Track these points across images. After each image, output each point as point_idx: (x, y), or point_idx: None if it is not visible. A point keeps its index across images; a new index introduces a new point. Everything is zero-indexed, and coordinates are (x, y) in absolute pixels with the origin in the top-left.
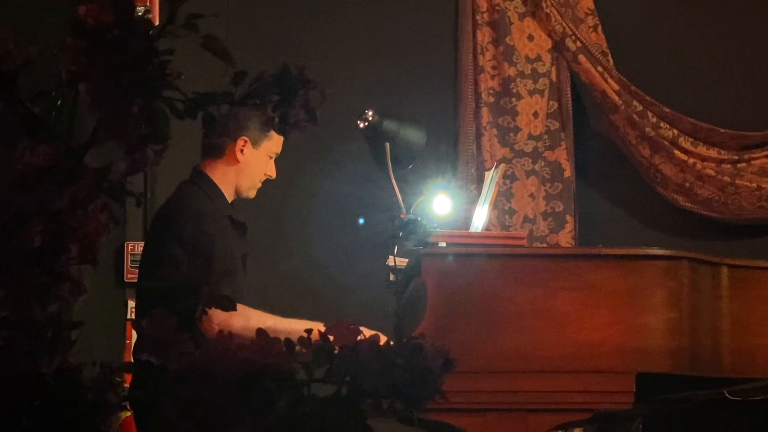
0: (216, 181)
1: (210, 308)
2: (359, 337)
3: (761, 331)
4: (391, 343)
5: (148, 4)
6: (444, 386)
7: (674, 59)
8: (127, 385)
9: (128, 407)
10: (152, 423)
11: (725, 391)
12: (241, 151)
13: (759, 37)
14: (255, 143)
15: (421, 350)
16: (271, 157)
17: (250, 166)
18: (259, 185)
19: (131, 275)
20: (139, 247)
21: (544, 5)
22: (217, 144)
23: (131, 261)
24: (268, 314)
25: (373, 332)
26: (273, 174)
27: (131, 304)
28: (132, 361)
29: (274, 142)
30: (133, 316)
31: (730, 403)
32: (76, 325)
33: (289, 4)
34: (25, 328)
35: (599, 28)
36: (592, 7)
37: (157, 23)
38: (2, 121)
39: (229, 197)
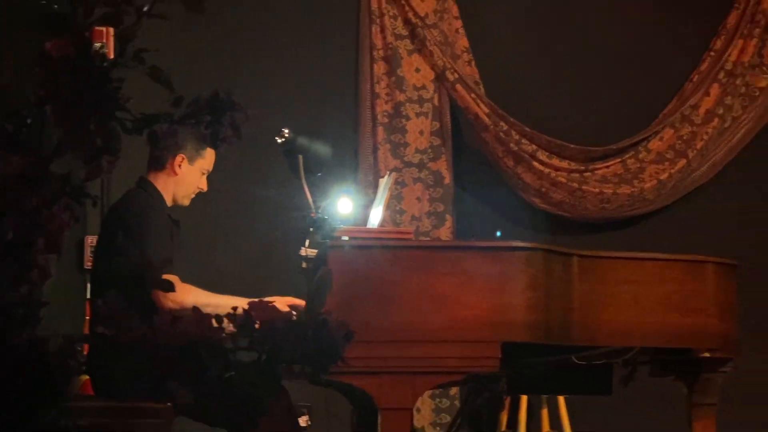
0: (159, 188)
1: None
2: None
3: (603, 309)
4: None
5: (103, 40)
6: (346, 354)
7: (534, 88)
8: (85, 353)
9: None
10: (106, 385)
11: (573, 357)
12: (179, 166)
13: (601, 71)
14: (191, 160)
15: (327, 324)
16: (203, 173)
17: (186, 179)
18: (193, 195)
19: (89, 263)
20: (96, 240)
21: (428, 44)
22: (159, 158)
23: (90, 251)
24: (209, 292)
25: (296, 300)
26: (204, 188)
27: (89, 287)
28: (89, 333)
29: (207, 161)
30: (90, 296)
31: (577, 365)
32: (43, 305)
33: (219, 40)
34: (1, 308)
35: (473, 63)
36: (467, 45)
37: (111, 56)
38: None
39: (168, 203)
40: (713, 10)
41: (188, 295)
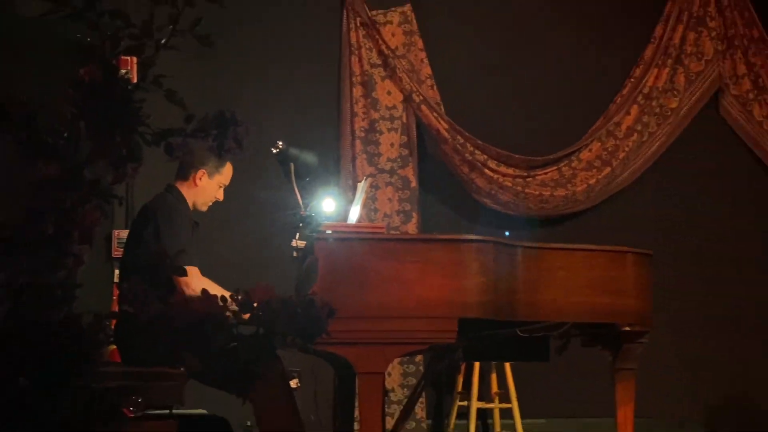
0: (184, 194)
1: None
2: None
3: (542, 291)
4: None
5: (128, 67)
6: (329, 328)
7: (486, 107)
8: (112, 327)
9: (113, 342)
10: (129, 354)
11: (517, 330)
12: (200, 179)
13: (541, 94)
14: (210, 175)
15: (314, 303)
16: (220, 187)
17: (204, 190)
18: (210, 203)
19: (116, 253)
20: (122, 233)
21: (397, 71)
22: (184, 170)
23: (117, 243)
24: (218, 286)
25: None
26: (221, 198)
27: (116, 272)
28: (116, 311)
29: (224, 176)
30: (117, 281)
31: (521, 337)
32: (78, 286)
33: (224, 67)
34: (42, 289)
35: (435, 87)
36: (430, 73)
37: (134, 81)
38: (24, 150)
39: (189, 207)
40: (633, 43)
41: (205, 286)
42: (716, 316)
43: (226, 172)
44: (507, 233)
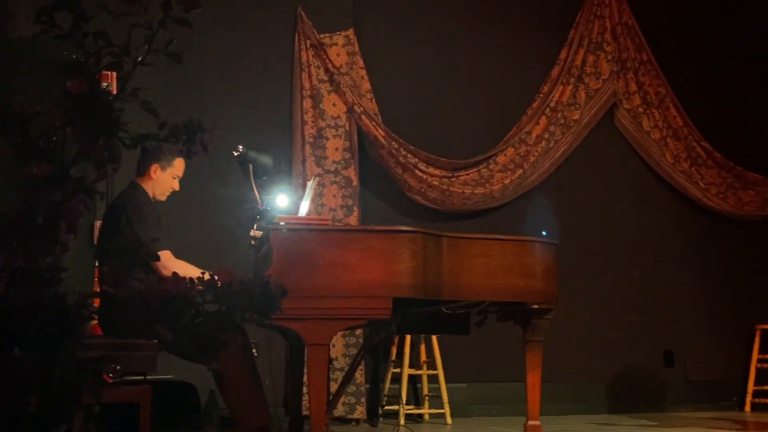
0: (144, 188)
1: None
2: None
3: (464, 274)
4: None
5: (109, 81)
6: (282, 305)
7: (416, 118)
8: (95, 304)
9: (95, 318)
10: (109, 327)
11: (443, 308)
12: (155, 172)
13: (464, 107)
14: (163, 169)
15: (269, 285)
16: (174, 178)
17: (160, 182)
18: (168, 194)
19: (96, 241)
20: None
21: (341, 86)
22: (142, 167)
23: (98, 232)
24: (194, 266)
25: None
26: (177, 188)
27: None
28: (98, 291)
29: (176, 168)
30: (97, 265)
31: (445, 314)
32: (64, 270)
33: (192, 81)
34: (34, 272)
35: (373, 100)
36: (369, 87)
37: (114, 93)
38: (19, 151)
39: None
40: (542, 64)
41: (178, 267)
42: (612, 296)
43: (178, 164)
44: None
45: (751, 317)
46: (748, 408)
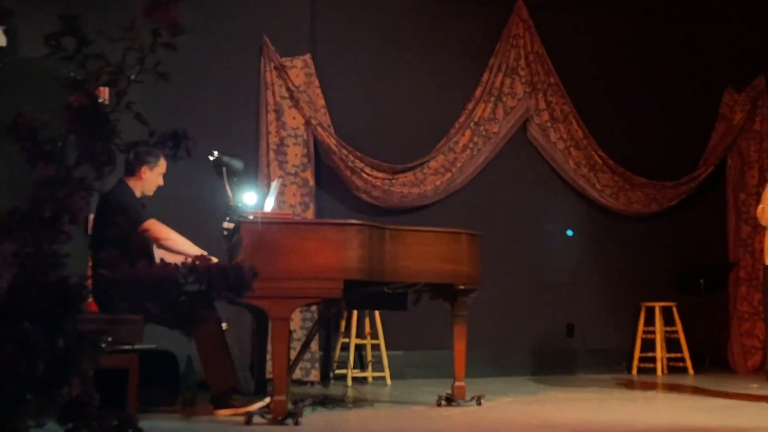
0: (131, 186)
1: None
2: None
3: (403, 260)
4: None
5: (106, 95)
6: (252, 286)
7: (363, 129)
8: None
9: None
10: (104, 304)
11: (385, 288)
12: (144, 173)
13: (403, 119)
14: (151, 169)
15: (241, 269)
16: (159, 175)
17: (149, 180)
18: (155, 188)
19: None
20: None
21: (300, 102)
22: (132, 168)
23: (91, 224)
24: (185, 240)
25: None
26: (162, 183)
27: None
28: (93, 273)
29: (161, 167)
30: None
31: (387, 293)
32: (66, 256)
33: (177, 96)
34: (41, 257)
35: (327, 114)
36: (324, 104)
37: (110, 105)
38: (29, 155)
39: (137, 195)
40: (467, 85)
41: (165, 229)
42: (524, 278)
43: (162, 163)
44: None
45: (638, 296)
46: (635, 372)
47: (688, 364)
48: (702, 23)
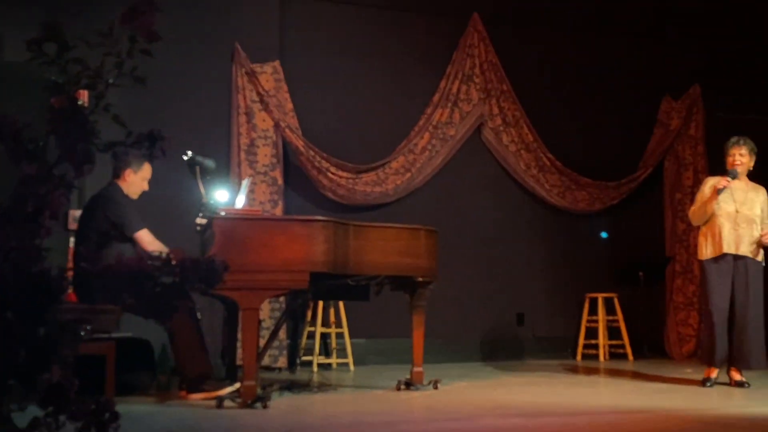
0: (121, 187)
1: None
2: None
3: (365, 254)
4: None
5: (85, 98)
6: (224, 278)
7: (329, 131)
8: (70, 277)
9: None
10: (83, 295)
11: (348, 280)
12: (128, 175)
13: (367, 123)
14: (135, 172)
15: (213, 262)
16: (144, 180)
17: (133, 183)
18: (140, 192)
19: (72, 226)
20: (75, 212)
21: (270, 106)
22: (118, 171)
23: (72, 219)
24: (160, 242)
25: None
26: (146, 188)
27: (71, 240)
28: (73, 266)
29: (144, 172)
30: (72, 246)
31: (350, 285)
32: (47, 249)
33: (151, 98)
34: (24, 250)
35: (295, 117)
36: (292, 107)
37: (89, 107)
38: (12, 154)
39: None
40: (426, 92)
41: (153, 242)
42: (478, 271)
43: (146, 168)
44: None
45: (582, 288)
46: (579, 358)
47: (628, 350)
48: (642, 36)
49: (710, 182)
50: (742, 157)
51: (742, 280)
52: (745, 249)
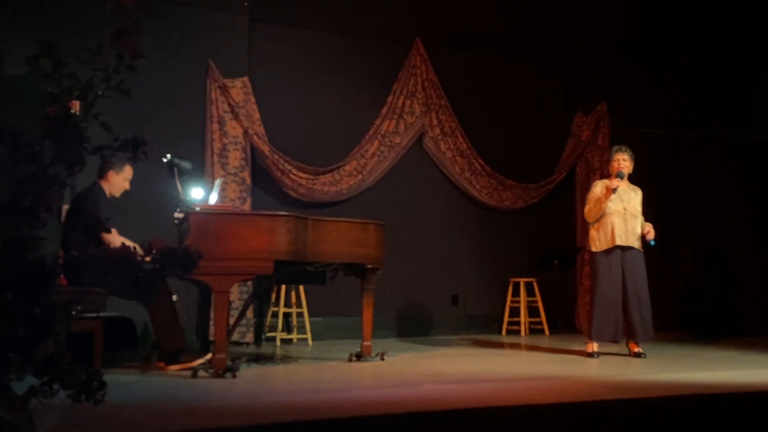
0: (103, 187)
1: (104, 232)
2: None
3: (322, 244)
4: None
5: (77, 107)
6: (198, 265)
7: (292, 139)
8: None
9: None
10: (73, 279)
11: (307, 267)
12: (111, 176)
13: (323, 132)
14: (117, 173)
15: (189, 251)
16: (125, 180)
17: (115, 183)
18: (122, 191)
19: (62, 219)
20: (65, 207)
21: (239, 116)
22: (102, 171)
23: (65, 213)
24: (128, 240)
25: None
26: (128, 188)
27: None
28: (64, 254)
29: (126, 173)
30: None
31: (309, 271)
32: (42, 239)
33: (135, 107)
34: (22, 240)
35: (262, 125)
36: (259, 117)
37: (80, 115)
38: (11, 156)
39: (108, 195)
40: (376, 105)
41: (119, 239)
42: (418, 259)
43: (127, 170)
44: (653, 243)
45: (507, 273)
46: (504, 333)
47: (545, 326)
48: (559, 60)
49: (600, 184)
50: (624, 161)
51: (631, 268)
52: (633, 241)
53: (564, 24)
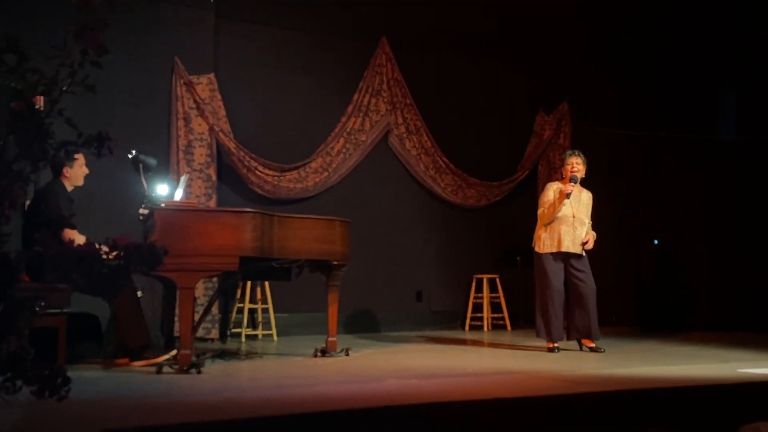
0: (63, 183)
1: (66, 228)
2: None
3: (287, 241)
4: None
5: (41, 103)
6: (163, 261)
7: (258, 136)
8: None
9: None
10: (35, 275)
11: (273, 263)
12: (67, 171)
13: (293, 129)
14: (71, 167)
15: (154, 247)
16: (81, 166)
17: (74, 175)
18: (83, 177)
19: None
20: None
21: (205, 112)
22: (57, 170)
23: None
24: (88, 238)
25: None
26: (87, 171)
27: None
28: (28, 250)
29: (80, 161)
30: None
31: (275, 267)
32: (7, 235)
33: (101, 102)
34: None
35: (227, 122)
36: (225, 114)
37: (44, 111)
38: None
39: (69, 189)
40: (342, 104)
41: (79, 237)
42: (383, 256)
43: (79, 158)
44: (656, 241)
45: (471, 270)
46: (467, 328)
47: (507, 322)
48: (521, 60)
49: (553, 187)
50: (578, 165)
51: (584, 272)
52: (578, 248)
53: (528, 24)
